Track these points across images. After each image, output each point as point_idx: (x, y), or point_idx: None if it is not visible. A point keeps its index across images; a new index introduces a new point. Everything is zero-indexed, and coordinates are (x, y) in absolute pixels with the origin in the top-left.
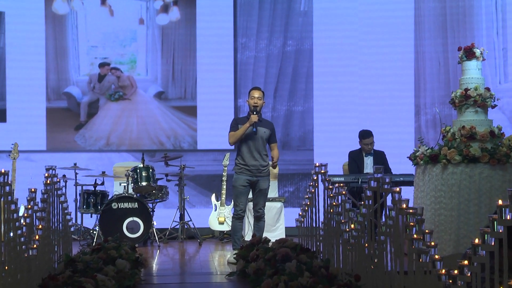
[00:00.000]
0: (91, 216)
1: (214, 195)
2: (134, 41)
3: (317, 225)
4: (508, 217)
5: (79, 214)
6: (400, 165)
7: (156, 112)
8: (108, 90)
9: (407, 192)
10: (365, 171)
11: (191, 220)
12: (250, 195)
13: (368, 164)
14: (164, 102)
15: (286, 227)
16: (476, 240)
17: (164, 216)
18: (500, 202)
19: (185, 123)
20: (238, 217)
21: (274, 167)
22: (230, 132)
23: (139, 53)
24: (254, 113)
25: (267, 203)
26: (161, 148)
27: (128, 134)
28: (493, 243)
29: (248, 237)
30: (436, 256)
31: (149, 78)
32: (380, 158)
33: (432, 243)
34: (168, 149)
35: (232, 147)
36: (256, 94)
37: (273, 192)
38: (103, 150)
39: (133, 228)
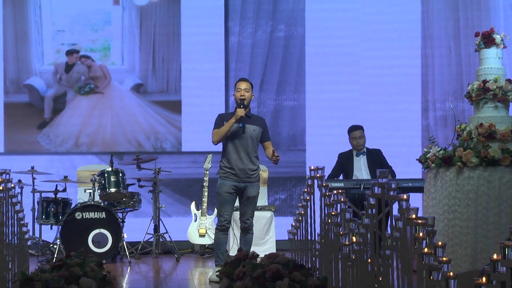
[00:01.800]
0: (51, 228)
1: (194, 203)
2: (107, 25)
3: (313, 238)
4: None
5: (37, 226)
6: (407, 168)
7: (134, 108)
8: (77, 82)
9: (416, 200)
10: (355, 174)
11: (167, 232)
12: (237, 203)
13: (361, 165)
14: (143, 96)
15: (277, 240)
16: (495, 255)
17: (136, 228)
18: None
19: (168, 120)
20: (222, 229)
21: (275, 161)
22: (214, 129)
23: (114, 38)
24: (241, 106)
25: (255, 213)
26: (140, 150)
27: (100, 133)
28: None
29: (233, 251)
30: (450, 274)
31: (125, 68)
32: (375, 158)
33: (445, 259)
34: (148, 152)
35: (218, 148)
36: (243, 85)
37: (262, 199)
38: (71, 153)
39: (100, 241)
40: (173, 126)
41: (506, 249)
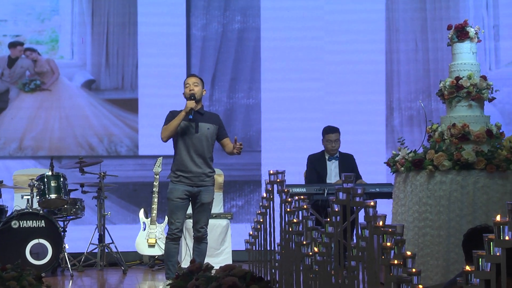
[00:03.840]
0: None
1: (142, 210)
2: (55, 14)
3: (272, 248)
4: (507, 237)
5: None
6: (373, 173)
7: (85, 107)
8: (21, 78)
9: (384, 207)
10: (328, 180)
11: (113, 242)
12: (189, 211)
13: (333, 171)
14: (95, 94)
15: (233, 251)
16: (469, 266)
17: (78, 238)
18: (498, 218)
19: (123, 121)
20: (173, 238)
21: (239, 150)
22: (164, 126)
23: (62, 29)
24: (192, 98)
25: (210, 221)
26: (92, 154)
27: (48, 135)
28: (489, 269)
29: (185, 263)
30: (420, 286)
31: (76, 62)
32: (347, 163)
33: (415, 270)
34: (102, 155)
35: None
36: (191, 80)
37: (217, 206)
38: (14, 157)
39: (38, 252)
40: (128, 127)
41: (480, 259)
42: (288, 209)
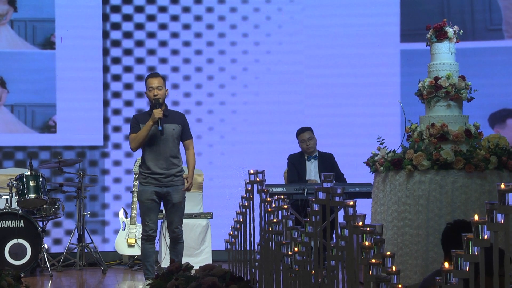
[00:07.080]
0: None
1: (122, 210)
2: None
3: (252, 248)
4: (486, 237)
5: None
6: (354, 171)
7: None
8: None
9: (363, 206)
10: (307, 179)
11: (92, 242)
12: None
13: (312, 170)
14: None
15: (213, 251)
16: (447, 265)
17: (58, 238)
18: (476, 217)
19: None
20: (148, 239)
21: (188, 188)
22: (131, 134)
23: None
24: (157, 106)
25: (189, 221)
26: None
27: None
28: (467, 269)
29: (165, 263)
30: (399, 286)
31: None
32: (327, 162)
33: (394, 269)
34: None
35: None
36: (155, 83)
37: (197, 206)
38: None
39: (17, 252)
40: None
41: (459, 258)
42: (268, 209)
